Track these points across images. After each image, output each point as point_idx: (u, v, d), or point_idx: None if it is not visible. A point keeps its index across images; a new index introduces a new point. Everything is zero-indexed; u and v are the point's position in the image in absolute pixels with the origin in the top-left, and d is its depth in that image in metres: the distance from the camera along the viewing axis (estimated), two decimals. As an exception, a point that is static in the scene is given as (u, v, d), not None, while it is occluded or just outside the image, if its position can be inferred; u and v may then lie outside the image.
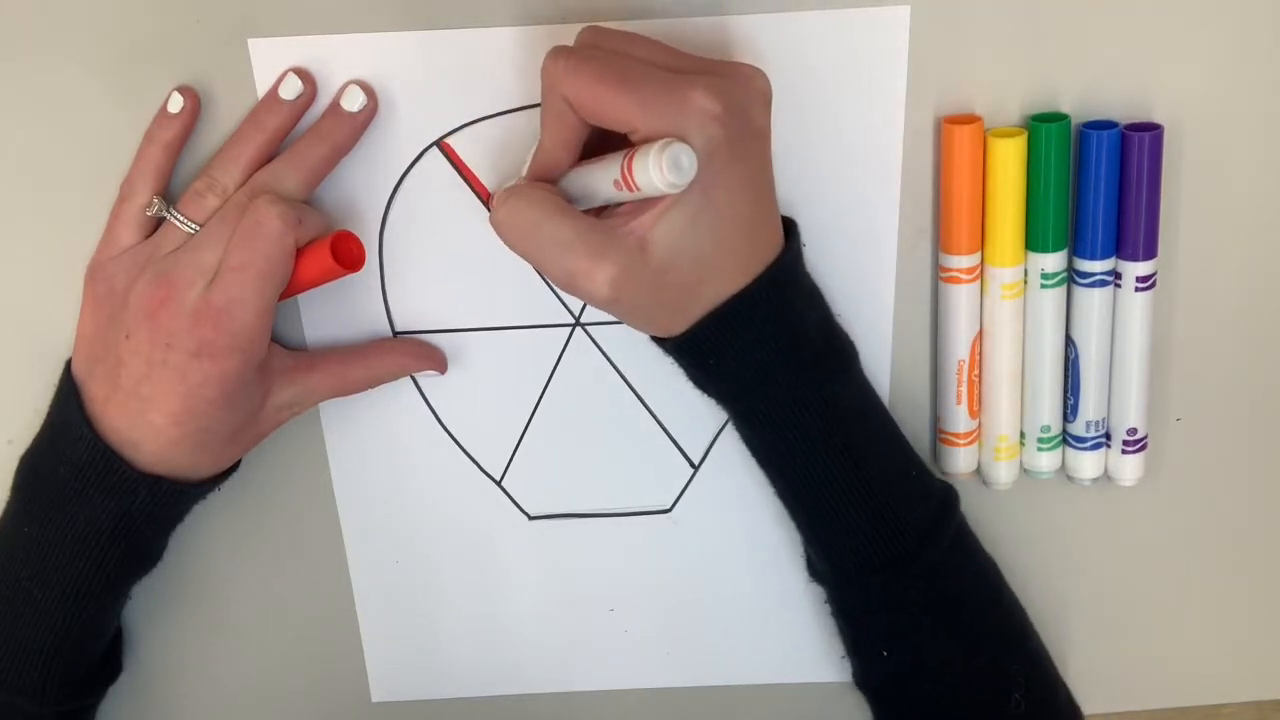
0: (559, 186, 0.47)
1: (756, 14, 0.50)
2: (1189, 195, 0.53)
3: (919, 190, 0.53)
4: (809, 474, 0.51)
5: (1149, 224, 0.52)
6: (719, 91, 0.43)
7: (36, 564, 0.51)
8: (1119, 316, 0.54)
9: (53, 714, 0.53)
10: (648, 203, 0.44)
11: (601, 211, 0.47)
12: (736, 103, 0.44)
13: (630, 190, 0.43)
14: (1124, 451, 0.56)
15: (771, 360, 0.48)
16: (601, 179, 0.44)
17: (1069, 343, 0.54)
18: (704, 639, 0.61)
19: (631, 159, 0.42)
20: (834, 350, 0.50)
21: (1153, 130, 0.51)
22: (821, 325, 0.50)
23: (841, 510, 0.51)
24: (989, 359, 0.55)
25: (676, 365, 0.50)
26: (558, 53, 0.44)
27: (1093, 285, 0.53)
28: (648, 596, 0.60)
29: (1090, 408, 0.55)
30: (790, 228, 0.50)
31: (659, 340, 0.49)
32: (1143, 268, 0.53)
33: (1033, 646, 0.55)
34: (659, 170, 0.41)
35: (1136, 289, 0.53)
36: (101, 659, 0.56)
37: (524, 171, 0.48)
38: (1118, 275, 0.53)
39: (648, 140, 0.42)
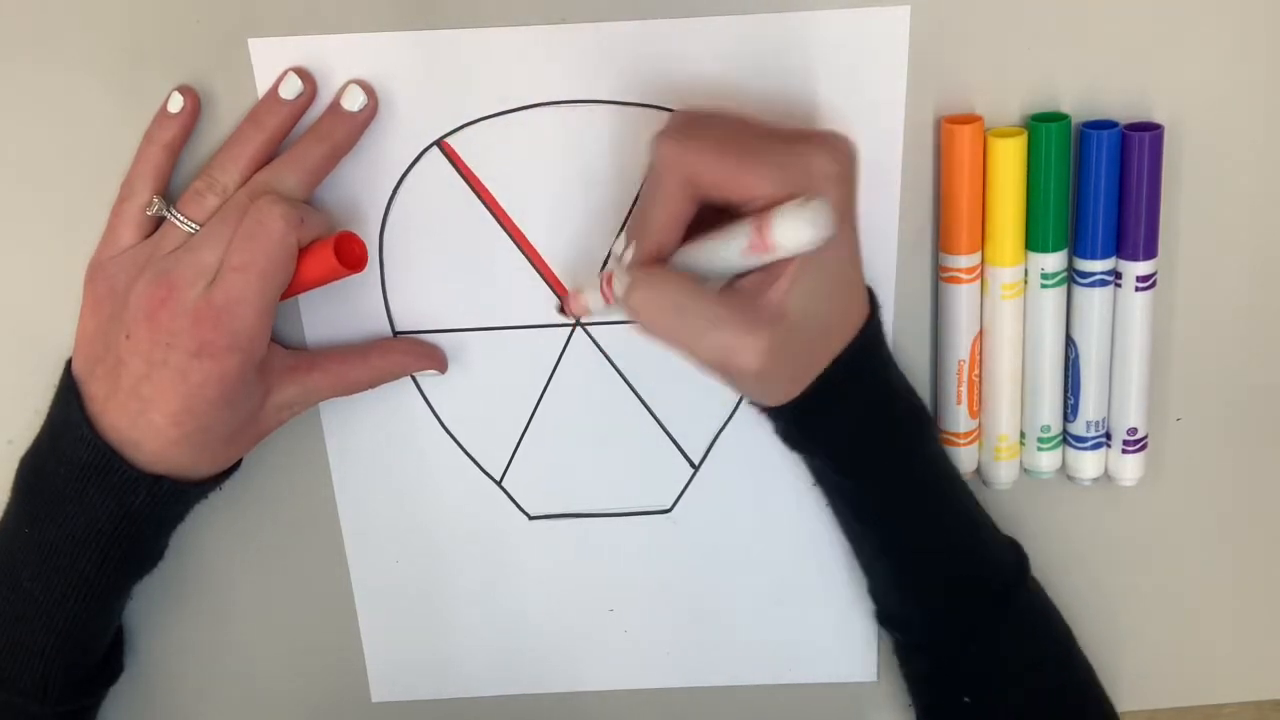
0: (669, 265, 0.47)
1: (757, 14, 0.50)
2: (1189, 195, 0.53)
3: (919, 190, 0.53)
4: (904, 526, 0.52)
5: (1149, 224, 0.52)
6: (835, 155, 0.44)
7: (37, 564, 0.51)
8: (1119, 316, 0.54)
9: (53, 714, 0.53)
10: (773, 272, 0.44)
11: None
12: (847, 167, 0.45)
13: (768, 251, 0.43)
14: (1124, 451, 0.56)
15: (868, 420, 0.50)
16: (722, 251, 0.44)
17: (1069, 343, 0.54)
18: (704, 639, 0.61)
19: (768, 222, 0.42)
20: (918, 413, 0.52)
21: (1153, 130, 0.51)
22: (906, 388, 0.52)
23: (936, 559, 0.53)
24: (989, 359, 0.55)
25: (770, 426, 0.51)
26: (668, 136, 0.45)
27: (1093, 285, 0.53)
28: (648, 596, 0.60)
29: (1090, 408, 0.55)
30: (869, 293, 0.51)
31: (760, 406, 0.50)
32: (1143, 268, 0.53)
33: (1100, 707, 0.56)
34: (804, 227, 0.41)
35: (1136, 289, 0.53)
36: (102, 659, 0.56)
37: (623, 257, 0.47)
38: (1118, 275, 0.53)
39: (768, 205, 0.43)
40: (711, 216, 0.46)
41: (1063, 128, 0.51)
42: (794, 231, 0.42)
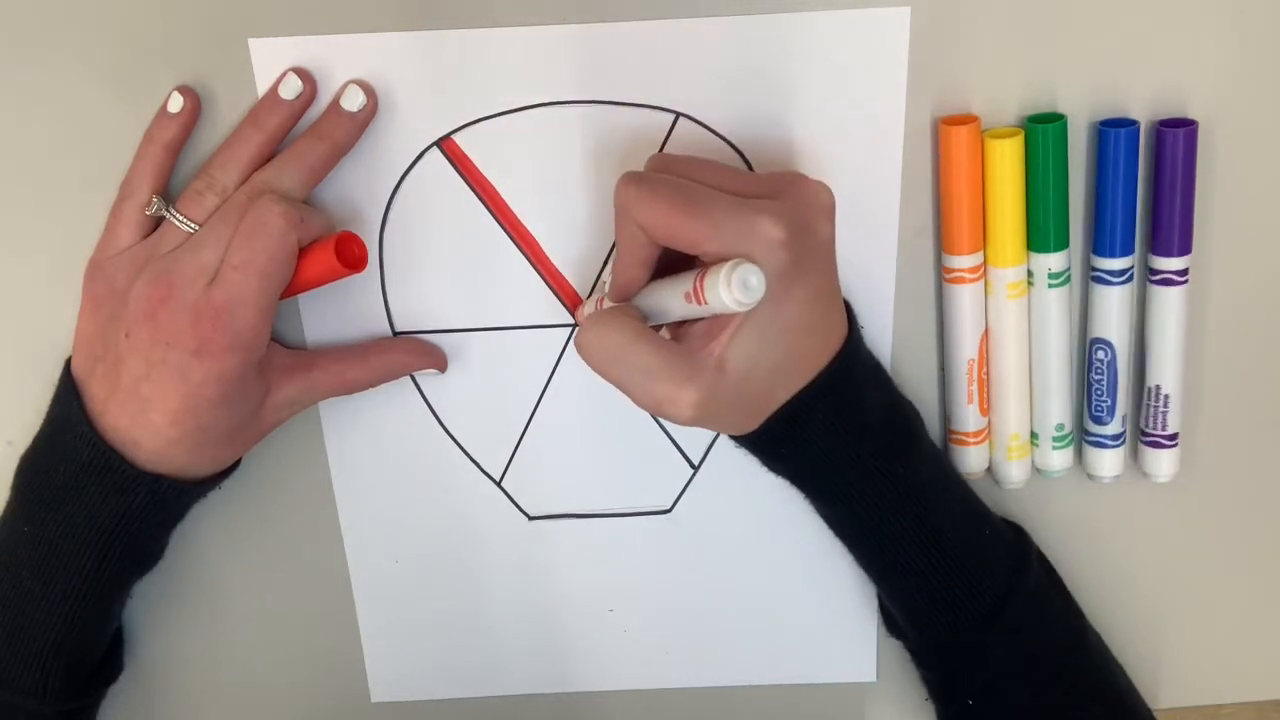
0: (635, 301, 0.48)
1: (757, 14, 0.50)
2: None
3: (919, 190, 0.53)
4: (884, 545, 0.52)
5: (1183, 219, 0.52)
6: (783, 217, 0.44)
7: (37, 564, 0.51)
8: (1152, 312, 0.54)
9: (54, 713, 0.53)
10: (720, 323, 0.46)
11: (676, 328, 0.48)
12: (801, 224, 0.45)
13: (700, 304, 0.44)
14: (1156, 448, 0.56)
15: (840, 444, 0.50)
16: (673, 295, 0.46)
17: (1101, 343, 0.54)
18: (703, 639, 0.61)
19: (703, 277, 0.44)
20: (899, 426, 0.52)
21: (1187, 126, 0.51)
22: (885, 403, 0.52)
23: (919, 578, 0.52)
24: (995, 359, 0.55)
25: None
26: (628, 179, 0.46)
27: (1122, 283, 0.53)
28: (648, 596, 0.60)
29: (1121, 405, 0.55)
30: (848, 312, 0.51)
31: (731, 435, 0.51)
32: (1176, 263, 0.53)
33: (1117, 686, 0.55)
34: (728, 290, 0.42)
35: (1171, 284, 0.53)
36: (102, 658, 0.56)
37: (605, 286, 0.50)
38: (1151, 271, 0.53)
39: (718, 260, 0.44)
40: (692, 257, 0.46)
41: (1059, 128, 0.51)
42: (719, 293, 0.43)
